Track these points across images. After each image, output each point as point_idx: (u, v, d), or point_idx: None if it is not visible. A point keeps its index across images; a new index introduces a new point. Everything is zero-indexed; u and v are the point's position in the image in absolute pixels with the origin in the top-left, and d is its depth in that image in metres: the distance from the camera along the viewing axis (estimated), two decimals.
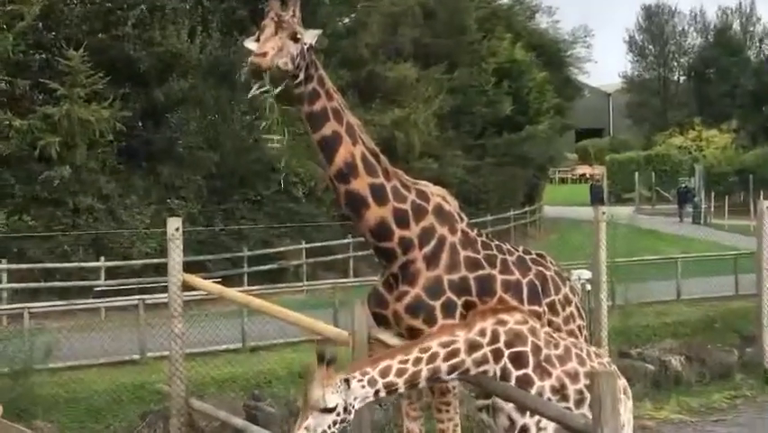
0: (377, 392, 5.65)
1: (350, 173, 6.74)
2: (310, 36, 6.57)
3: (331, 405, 5.41)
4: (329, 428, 5.46)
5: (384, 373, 5.63)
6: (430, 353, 5.73)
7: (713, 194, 45.81)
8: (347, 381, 5.49)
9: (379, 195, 6.77)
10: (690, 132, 61.58)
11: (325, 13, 28.38)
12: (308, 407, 5.46)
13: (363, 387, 5.58)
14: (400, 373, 5.66)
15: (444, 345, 5.77)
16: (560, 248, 28.67)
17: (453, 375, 5.91)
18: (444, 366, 5.77)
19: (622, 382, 5.99)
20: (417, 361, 5.70)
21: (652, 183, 52.12)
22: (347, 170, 6.74)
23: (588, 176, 67.69)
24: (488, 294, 6.91)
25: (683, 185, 47.64)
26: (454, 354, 5.76)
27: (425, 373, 5.73)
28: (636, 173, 52.76)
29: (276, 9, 6.46)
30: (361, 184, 6.75)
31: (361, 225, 6.86)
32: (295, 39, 6.43)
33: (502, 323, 5.92)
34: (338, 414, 5.45)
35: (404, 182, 7.00)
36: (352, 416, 5.58)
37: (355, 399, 5.54)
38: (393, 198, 6.82)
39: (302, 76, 6.61)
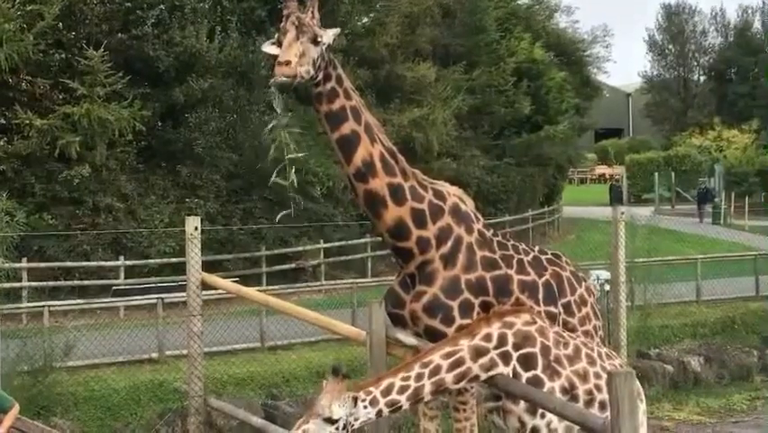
0: (379, 412, 5.68)
1: (368, 173, 6.73)
2: (329, 36, 6.56)
3: (335, 417, 5.45)
4: None
5: (386, 392, 5.66)
6: (432, 367, 5.74)
7: (733, 194, 45.49)
8: (355, 399, 5.53)
9: (397, 195, 6.77)
10: (711, 132, 61.14)
11: (344, 13, 28.37)
12: (312, 412, 5.51)
13: (366, 407, 5.61)
14: (402, 390, 5.67)
15: (447, 356, 5.77)
16: (578, 248, 28.57)
17: (462, 384, 5.90)
18: (449, 377, 5.77)
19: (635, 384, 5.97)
20: (419, 376, 5.71)
21: (672, 183, 51.79)
22: (365, 169, 6.73)
23: (607, 176, 67.40)
24: (504, 294, 6.90)
25: (703, 185, 47.30)
26: (459, 363, 5.76)
27: (428, 388, 5.74)
28: (656, 174, 52.45)
29: (295, 11, 6.45)
30: (379, 184, 6.74)
31: (380, 224, 6.86)
32: (315, 42, 6.42)
33: (509, 326, 5.91)
34: (337, 428, 5.49)
35: (421, 182, 6.99)
36: None
37: (356, 419, 5.58)
38: (411, 198, 6.81)
39: (321, 76, 6.60)
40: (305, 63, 6.40)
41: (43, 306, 16.29)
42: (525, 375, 5.86)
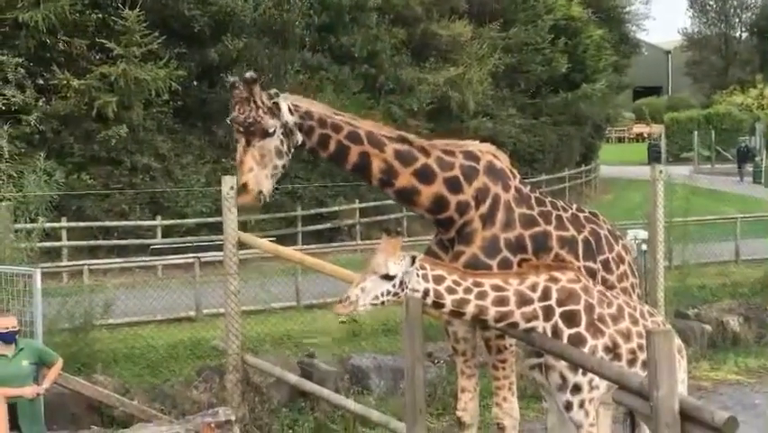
0: (426, 292, 5.68)
1: (390, 177, 6.73)
2: (282, 116, 6.46)
3: (392, 272, 5.49)
4: (382, 295, 5.55)
5: (437, 280, 5.68)
6: (481, 290, 5.73)
7: None
8: (413, 258, 5.55)
9: (425, 175, 6.74)
10: (752, 90, 60.14)
11: None
12: (369, 270, 5.53)
13: (418, 277, 5.63)
14: (450, 291, 5.69)
15: (495, 289, 5.76)
16: (615, 208, 28.40)
17: (501, 324, 5.88)
18: (492, 311, 5.75)
19: (677, 341, 5.92)
20: (468, 290, 5.71)
21: (711, 142, 51.05)
22: (386, 176, 6.73)
23: (645, 135, 66.61)
24: (544, 251, 6.87)
25: (743, 144, 46.62)
26: (503, 301, 5.75)
27: (471, 307, 5.73)
28: (695, 132, 51.73)
29: (242, 100, 6.40)
30: (404, 179, 6.73)
31: (418, 209, 6.90)
32: (268, 134, 6.36)
33: (554, 280, 5.88)
34: (394, 285, 5.54)
35: (446, 150, 6.91)
36: (402, 294, 5.62)
37: (409, 282, 5.59)
38: (440, 171, 6.77)
39: (300, 138, 6.57)
40: (267, 163, 6.41)
41: (83, 264, 16.50)
42: (567, 332, 5.84)
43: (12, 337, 7.95)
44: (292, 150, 6.60)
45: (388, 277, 5.53)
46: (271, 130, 6.40)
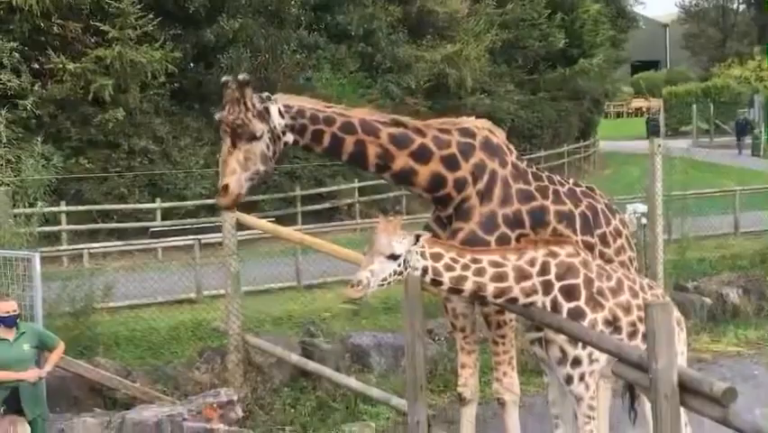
0: (425, 270, 5.72)
1: (387, 161, 6.74)
2: (272, 119, 6.40)
3: (398, 252, 5.53)
4: (390, 276, 5.59)
5: (435, 257, 5.71)
6: (479, 266, 5.76)
7: None
8: (417, 237, 5.60)
9: (421, 155, 6.74)
10: (750, 62, 59.92)
11: None
12: (374, 252, 5.57)
13: (417, 254, 5.68)
14: (448, 268, 5.72)
15: (493, 265, 5.77)
16: (615, 183, 28.38)
17: (501, 300, 5.89)
18: (491, 287, 5.77)
19: (676, 313, 5.94)
20: (466, 267, 5.74)
21: (710, 115, 50.90)
22: (383, 161, 6.73)
23: (644, 109, 66.40)
24: (541, 225, 6.89)
25: (742, 116, 46.51)
26: (502, 277, 5.76)
27: (469, 284, 5.75)
28: (694, 105, 51.57)
29: (233, 99, 6.28)
30: (401, 161, 6.73)
31: (415, 189, 6.91)
32: (255, 138, 6.29)
33: (553, 255, 5.89)
34: (399, 264, 5.57)
35: (442, 128, 6.91)
36: (406, 273, 5.67)
37: (409, 260, 5.65)
38: (437, 149, 6.78)
39: (291, 138, 6.53)
40: (250, 167, 6.34)
41: (83, 248, 16.51)
42: (567, 306, 5.85)
43: (13, 321, 7.96)
44: (277, 155, 6.54)
45: (393, 257, 5.57)
46: (259, 134, 6.34)
